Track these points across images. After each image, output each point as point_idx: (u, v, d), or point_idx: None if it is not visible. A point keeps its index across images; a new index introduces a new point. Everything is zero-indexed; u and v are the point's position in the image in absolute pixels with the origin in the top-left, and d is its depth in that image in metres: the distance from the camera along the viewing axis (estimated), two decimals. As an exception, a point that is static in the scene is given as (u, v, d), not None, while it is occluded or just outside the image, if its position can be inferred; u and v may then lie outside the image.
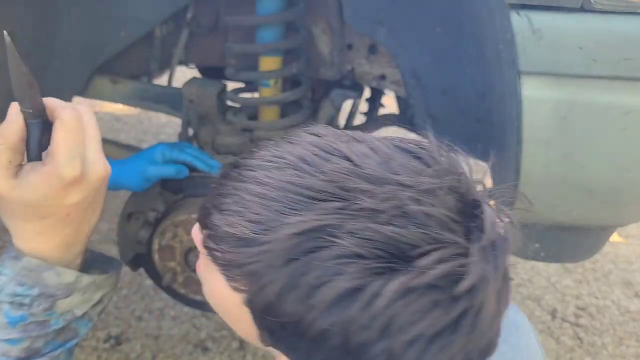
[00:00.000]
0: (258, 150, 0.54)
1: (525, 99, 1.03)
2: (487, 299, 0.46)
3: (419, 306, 0.45)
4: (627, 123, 1.05)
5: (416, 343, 0.45)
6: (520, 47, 1.00)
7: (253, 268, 0.48)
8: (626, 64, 1.01)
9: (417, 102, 1.17)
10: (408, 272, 0.44)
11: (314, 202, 0.47)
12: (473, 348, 0.47)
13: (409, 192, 0.47)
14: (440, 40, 1.09)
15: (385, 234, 0.45)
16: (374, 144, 0.52)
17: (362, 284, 0.45)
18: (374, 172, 0.48)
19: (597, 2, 0.97)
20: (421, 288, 0.44)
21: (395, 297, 0.44)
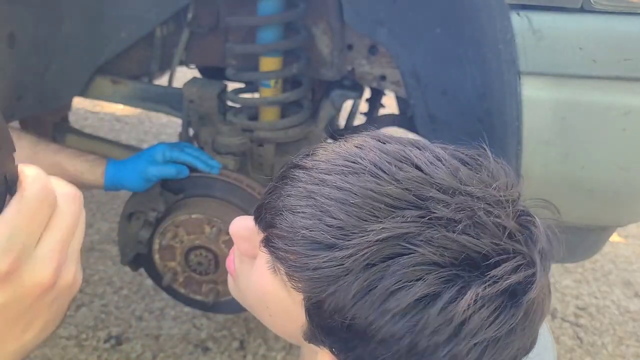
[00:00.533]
0: (320, 151, 0.56)
1: (525, 99, 1.03)
2: (540, 304, 0.50)
3: (488, 312, 0.47)
4: (626, 123, 1.05)
5: (479, 345, 0.48)
6: (521, 48, 1.00)
7: (330, 272, 0.49)
8: (626, 64, 1.01)
9: (418, 103, 1.17)
10: (482, 281, 0.47)
11: (393, 210, 0.49)
12: (521, 347, 0.51)
13: (480, 204, 0.50)
14: (440, 41, 1.09)
15: (460, 242, 0.48)
16: (436, 152, 0.54)
17: (438, 290, 0.47)
18: (444, 182, 0.51)
19: (597, 3, 0.98)
20: (492, 296, 0.47)
21: (470, 304, 0.47)
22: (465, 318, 0.47)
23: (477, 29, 1.06)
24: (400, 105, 1.67)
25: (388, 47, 1.14)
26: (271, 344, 1.87)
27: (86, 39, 1.38)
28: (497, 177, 0.54)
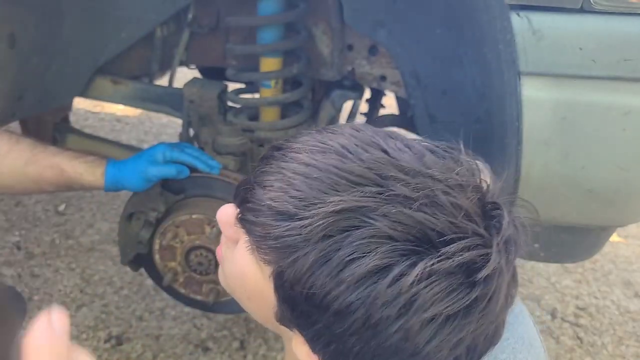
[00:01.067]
0: (300, 136, 0.59)
1: (525, 99, 1.03)
2: (499, 289, 0.51)
3: (440, 288, 0.48)
4: (626, 123, 1.05)
5: (432, 323, 0.49)
6: (520, 48, 1.00)
7: (290, 241, 0.51)
8: (626, 64, 1.01)
9: (418, 103, 1.17)
10: (434, 256, 0.49)
11: (353, 186, 0.51)
12: (480, 334, 0.51)
13: (440, 185, 0.51)
14: (440, 41, 1.09)
15: (416, 218, 0.49)
16: (407, 142, 0.57)
17: (390, 262, 0.48)
18: (408, 164, 0.53)
19: (597, 3, 0.98)
20: (444, 272, 0.48)
21: (420, 278, 0.48)
22: (416, 292, 0.48)
23: (477, 29, 1.06)
24: (401, 105, 1.68)
25: (388, 47, 1.14)
26: (271, 344, 1.87)
27: (86, 39, 1.38)
28: (477, 169, 0.56)
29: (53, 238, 2.18)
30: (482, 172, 0.57)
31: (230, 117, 1.39)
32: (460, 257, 0.49)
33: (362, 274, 0.49)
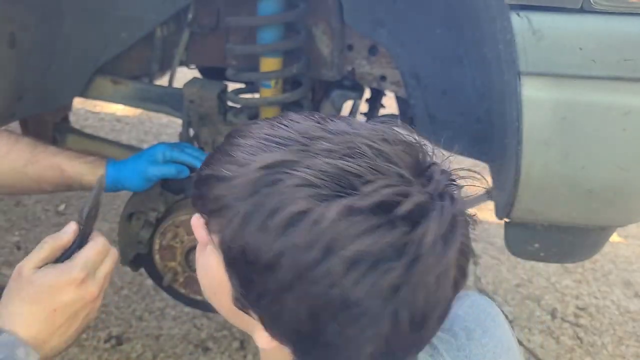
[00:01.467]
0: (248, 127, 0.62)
1: (525, 99, 1.03)
2: (428, 235, 0.49)
3: (360, 226, 0.49)
4: (626, 123, 1.05)
5: (356, 266, 0.49)
6: (520, 48, 1.00)
7: (225, 201, 0.54)
8: (626, 64, 1.01)
9: (418, 103, 1.17)
10: (352, 196, 0.50)
11: (282, 147, 0.54)
12: (419, 292, 0.50)
13: (364, 140, 0.53)
14: (440, 41, 1.09)
15: (336, 165, 0.51)
16: (346, 118, 0.59)
17: (310, 207, 0.50)
18: (336, 128, 0.56)
19: (597, 3, 0.98)
20: (363, 210, 0.49)
21: (338, 218, 0.49)
22: (335, 231, 0.49)
23: (477, 29, 1.06)
24: (401, 105, 1.68)
25: (388, 47, 1.14)
26: (271, 344, 1.87)
27: (87, 40, 1.38)
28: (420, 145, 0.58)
29: (53, 238, 2.18)
30: (410, 134, 0.59)
31: (230, 117, 1.39)
32: (377, 194, 0.49)
33: (284, 221, 0.50)
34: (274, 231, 0.50)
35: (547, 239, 1.25)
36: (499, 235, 1.63)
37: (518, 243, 1.25)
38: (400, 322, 0.51)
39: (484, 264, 2.23)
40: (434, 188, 0.52)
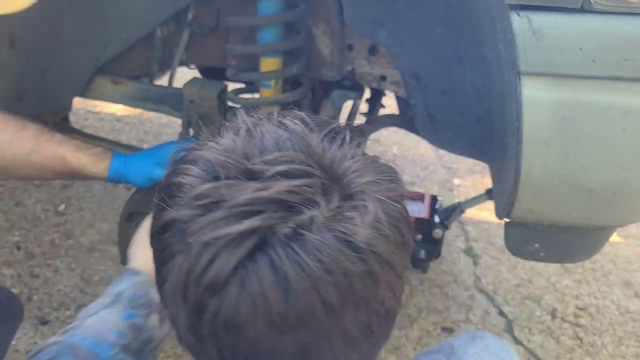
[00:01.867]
0: None
1: (525, 99, 1.03)
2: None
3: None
4: (626, 123, 1.05)
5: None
6: (521, 48, 1.00)
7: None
8: (626, 64, 1.01)
9: (418, 103, 1.17)
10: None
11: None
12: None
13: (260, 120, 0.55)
14: (440, 41, 1.09)
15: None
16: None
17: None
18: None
19: (597, 3, 0.98)
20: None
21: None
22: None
23: (477, 29, 1.06)
24: (400, 105, 1.68)
25: (388, 47, 1.14)
26: (271, 344, 1.87)
27: (87, 40, 1.38)
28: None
29: (53, 238, 2.18)
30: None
31: (231, 117, 1.39)
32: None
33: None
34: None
35: (547, 239, 1.25)
36: (499, 235, 1.63)
37: (518, 243, 1.25)
38: (173, 279, 0.50)
39: (484, 264, 2.23)
40: (255, 166, 0.49)
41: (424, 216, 1.78)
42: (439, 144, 1.25)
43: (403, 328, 1.95)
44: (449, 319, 2.01)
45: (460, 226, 2.48)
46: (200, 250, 0.46)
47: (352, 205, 0.47)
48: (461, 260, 2.29)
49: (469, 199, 1.82)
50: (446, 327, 1.98)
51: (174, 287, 0.49)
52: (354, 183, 0.48)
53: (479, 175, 2.78)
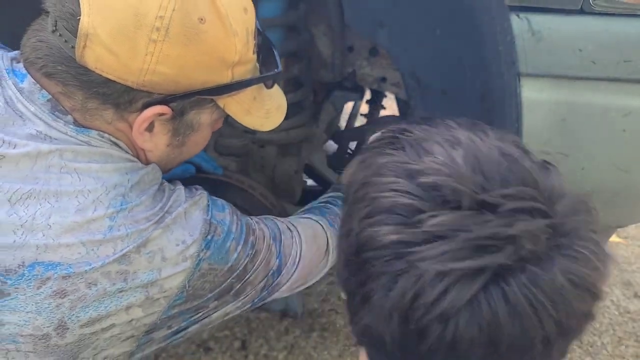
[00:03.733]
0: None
1: (525, 100, 1.04)
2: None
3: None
4: (626, 124, 1.06)
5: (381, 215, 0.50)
6: (520, 49, 1.01)
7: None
8: (625, 65, 1.01)
9: (418, 104, 1.18)
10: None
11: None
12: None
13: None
14: (440, 43, 1.09)
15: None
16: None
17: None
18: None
19: (597, 5, 0.98)
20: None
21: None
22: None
23: (477, 30, 1.07)
24: (401, 106, 1.68)
25: (388, 48, 1.14)
26: (272, 343, 1.88)
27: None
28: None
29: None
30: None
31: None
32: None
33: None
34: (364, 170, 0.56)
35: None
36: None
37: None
38: (390, 303, 0.49)
39: (484, 264, 2.24)
40: (491, 199, 0.49)
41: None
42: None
43: (403, 328, 1.95)
44: (449, 320, 2.02)
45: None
46: (433, 279, 0.46)
47: (574, 242, 0.49)
48: (461, 261, 2.29)
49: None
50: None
51: (391, 307, 0.49)
52: (572, 221, 0.51)
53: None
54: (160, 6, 0.73)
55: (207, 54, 0.78)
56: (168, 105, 0.79)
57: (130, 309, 0.77)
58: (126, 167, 0.79)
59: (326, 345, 1.90)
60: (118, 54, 0.74)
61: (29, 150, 0.74)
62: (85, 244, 0.73)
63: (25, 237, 0.72)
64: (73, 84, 0.76)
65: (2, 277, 0.72)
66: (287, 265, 0.97)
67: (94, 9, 0.73)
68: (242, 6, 0.84)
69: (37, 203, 0.73)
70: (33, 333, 0.73)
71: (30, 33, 0.79)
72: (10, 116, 0.76)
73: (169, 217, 0.79)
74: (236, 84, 0.84)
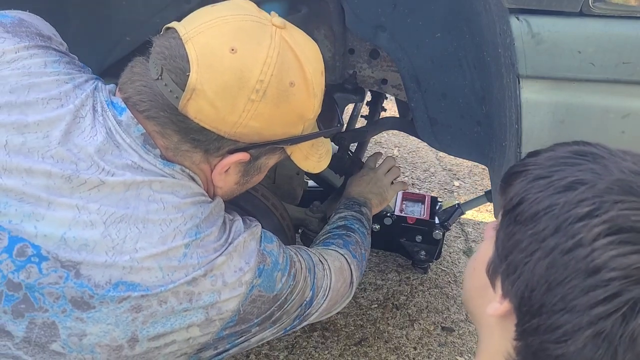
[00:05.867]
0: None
1: (525, 102, 1.04)
2: None
3: (629, 204, 0.52)
4: (625, 126, 1.06)
5: (612, 234, 0.51)
6: (520, 51, 1.01)
7: (525, 167, 0.66)
8: (624, 67, 1.02)
9: (418, 106, 1.18)
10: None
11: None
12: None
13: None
14: (440, 45, 1.10)
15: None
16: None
17: (589, 179, 0.57)
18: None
19: (596, 7, 0.99)
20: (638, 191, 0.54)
21: (610, 187, 0.54)
22: (604, 199, 0.53)
23: (476, 33, 1.07)
24: (401, 108, 1.69)
25: (389, 51, 1.15)
26: (273, 343, 1.89)
27: (91, 43, 1.39)
28: None
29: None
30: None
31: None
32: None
33: (565, 184, 0.56)
34: (553, 190, 0.55)
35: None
36: (499, 236, 1.64)
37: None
38: (633, 327, 0.49)
39: (484, 265, 2.24)
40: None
41: (424, 217, 1.79)
42: (439, 146, 1.26)
43: (404, 328, 1.96)
44: (449, 319, 2.02)
45: (460, 227, 2.49)
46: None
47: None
48: (461, 261, 2.30)
49: (468, 200, 1.83)
50: (446, 327, 1.99)
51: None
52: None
53: (478, 178, 2.79)
54: (262, 71, 0.84)
55: (291, 113, 0.90)
56: (248, 152, 0.92)
57: (190, 327, 0.84)
58: (200, 200, 0.89)
59: (327, 345, 1.91)
60: (219, 108, 0.84)
61: (126, 179, 0.82)
62: (163, 269, 0.82)
63: (115, 257, 0.79)
64: (171, 128, 0.87)
65: (91, 291, 0.78)
66: (319, 296, 1.04)
67: (202, 66, 0.82)
68: (321, 70, 0.95)
69: (128, 227, 0.80)
70: (109, 344, 0.80)
71: (132, 76, 0.91)
72: (110, 146, 0.84)
73: (231, 247, 0.87)
74: (308, 135, 0.97)
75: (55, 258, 0.78)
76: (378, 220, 1.76)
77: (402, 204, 1.89)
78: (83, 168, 0.82)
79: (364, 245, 1.25)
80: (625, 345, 0.48)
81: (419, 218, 1.78)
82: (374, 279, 2.20)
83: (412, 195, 1.93)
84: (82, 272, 0.78)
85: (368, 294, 2.14)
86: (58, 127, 0.83)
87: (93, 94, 0.91)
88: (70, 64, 0.97)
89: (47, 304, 0.78)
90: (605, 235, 0.50)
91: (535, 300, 0.53)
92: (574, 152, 0.60)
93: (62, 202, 0.80)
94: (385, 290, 2.15)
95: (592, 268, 0.50)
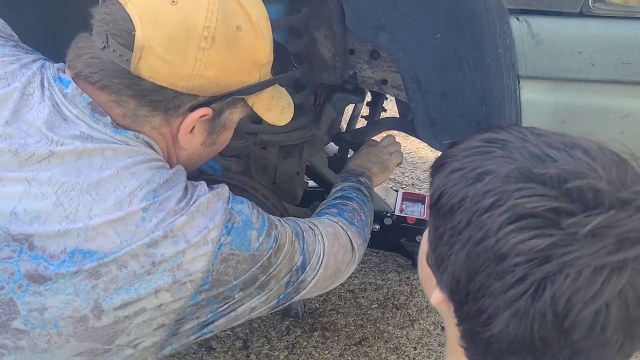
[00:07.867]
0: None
1: (525, 102, 1.05)
2: (589, 225, 0.51)
3: (529, 191, 0.54)
4: (624, 126, 1.07)
5: (514, 222, 0.53)
6: (520, 52, 1.02)
7: (445, 159, 0.65)
8: (624, 68, 1.02)
9: (418, 106, 1.18)
10: (536, 168, 0.56)
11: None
12: (563, 286, 0.51)
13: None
14: (441, 45, 1.10)
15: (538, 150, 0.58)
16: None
17: (495, 169, 0.57)
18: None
19: (596, 7, 0.99)
20: (538, 178, 0.55)
21: (510, 178, 0.56)
22: (504, 189, 0.55)
23: (477, 33, 1.08)
24: (401, 108, 1.69)
25: (389, 51, 1.15)
26: (274, 343, 1.89)
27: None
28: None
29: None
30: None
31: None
32: (557, 169, 0.54)
33: (475, 175, 0.57)
34: (465, 182, 0.57)
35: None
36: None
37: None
38: (542, 305, 0.51)
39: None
40: (627, 196, 0.52)
41: (424, 217, 1.79)
42: (439, 146, 1.26)
43: (404, 328, 1.96)
44: (450, 320, 2.02)
45: (461, 227, 2.49)
46: (592, 274, 0.50)
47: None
48: (462, 261, 2.29)
49: (469, 200, 1.83)
50: (447, 328, 1.99)
51: (543, 309, 0.52)
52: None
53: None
54: (206, 18, 0.82)
55: (244, 58, 0.88)
56: (210, 107, 0.89)
57: (159, 292, 0.82)
58: (157, 165, 0.87)
59: (327, 345, 1.91)
60: (170, 62, 0.82)
61: (76, 147, 0.81)
62: (120, 234, 0.79)
63: (68, 225, 0.78)
64: (127, 94, 0.85)
65: (46, 262, 0.77)
66: (311, 262, 1.01)
67: (145, 24, 0.81)
68: (265, 15, 0.94)
69: (80, 195, 0.79)
70: (72, 315, 0.78)
71: (78, 50, 0.87)
72: (57, 119, 0.83)
73: (193, 207, 0.85)
74: (265, 82, 0.94)
75: (7, 233, 0.77)
76: (378, 220, 1.76)
77: (402, 204, 1.89)
78: (32, 142, 0.81)
79: (363, 212, 1.22)
80: (539, 321, 0.52)
81: (419, 218, 1.78)
82: (374, 279, 2.21)
83: (412, 195, 1.94)
84: (36, 244, 0.77)
85: (368, 294, 2.14)
86: (6, 106, 0.83)
87: (40, 71, 0.89)
88: (17, 47, 0.96)
89: (3, 280, 0.77)
90: (507, 224, 0.52)
91: (462, 289, 0.57)
92: (484, 141, 0.60)
93: (11, 176, 0.80)
94: (385, 290, 2.15)
95: (499, 256, 0.53)
